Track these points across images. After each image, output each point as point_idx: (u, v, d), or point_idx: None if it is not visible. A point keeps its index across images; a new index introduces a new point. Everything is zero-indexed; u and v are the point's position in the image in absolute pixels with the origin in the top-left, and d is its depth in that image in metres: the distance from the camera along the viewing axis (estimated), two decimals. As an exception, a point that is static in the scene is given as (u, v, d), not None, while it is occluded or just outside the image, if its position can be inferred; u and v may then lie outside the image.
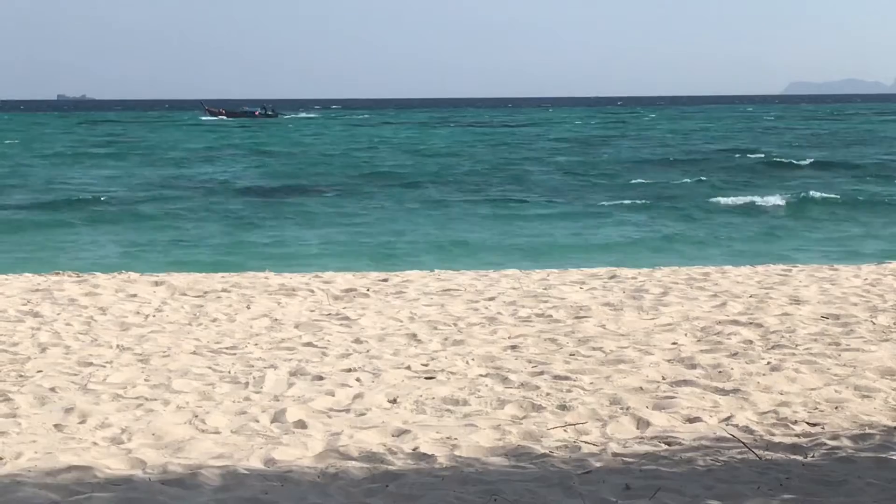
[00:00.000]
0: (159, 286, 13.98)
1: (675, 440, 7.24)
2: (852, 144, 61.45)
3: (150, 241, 24.94)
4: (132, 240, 25.25)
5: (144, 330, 11.16)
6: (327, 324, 11.46)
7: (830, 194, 33.30)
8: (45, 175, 43.90)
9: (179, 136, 77.84)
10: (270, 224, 28.03)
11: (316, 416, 7.91)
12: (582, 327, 11.08)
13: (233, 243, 24.68)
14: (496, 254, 22.61)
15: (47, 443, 7.23)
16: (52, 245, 24.26)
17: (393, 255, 22.59)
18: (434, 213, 30.16)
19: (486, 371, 9.26)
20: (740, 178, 40.50)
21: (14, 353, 10.03)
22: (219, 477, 6.43)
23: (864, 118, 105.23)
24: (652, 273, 15.28)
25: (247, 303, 12.78)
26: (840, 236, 25.72)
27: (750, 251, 22.60)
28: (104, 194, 35.39)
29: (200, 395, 8.52)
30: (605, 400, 8.26)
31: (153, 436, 7.41)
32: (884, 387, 8.62)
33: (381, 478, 6.46)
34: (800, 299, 12.68)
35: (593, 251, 22.95)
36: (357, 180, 40.59)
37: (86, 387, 8.75)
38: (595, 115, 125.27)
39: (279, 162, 50.79)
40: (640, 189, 36.72)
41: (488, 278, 14.84)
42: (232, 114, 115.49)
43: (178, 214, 30.24)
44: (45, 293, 13.47)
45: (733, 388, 8.61)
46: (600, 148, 60.68)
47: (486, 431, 7.44)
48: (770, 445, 7.09)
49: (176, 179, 41.90)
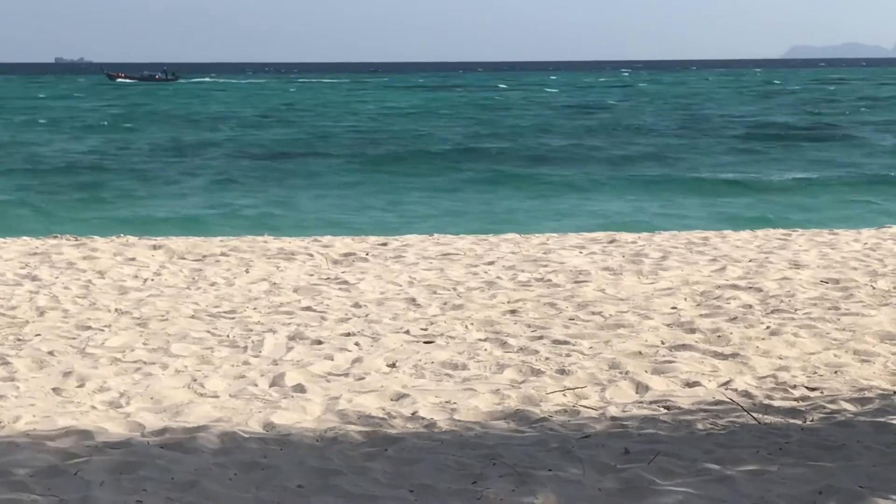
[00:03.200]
0: (158, 250, 13.95)
1: (674, 404, 7.24)
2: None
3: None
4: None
5: (143, 294, 11.14)
6: (326, 288, 11.44)
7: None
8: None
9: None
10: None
11: (315, 380, 7.90)
12: (581, 292, 11.07)
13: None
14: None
15: (45, 406, 7.22)
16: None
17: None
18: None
19: (486, 335, 9.25)
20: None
21: (12, 316, 10.02)
22: (217, 440, 6.43)
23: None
24: (651, 237, 15.25)
25: (245, 267, 12.76)
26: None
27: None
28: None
29: (199, 359, 8.51)
30: (605, 364, 8.25)
31: (151, 399, 7.40)
32: (883, 351, 8.61)
33: (380, 442, 6.46)
34: (799, 263, 12.66)
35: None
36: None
37: (84, 350, 8.74)
38: (610, 78, 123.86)
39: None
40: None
41: (487, 242, 14.81)
42: (131, 77, 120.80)
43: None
44: (43, 256, 13.45)
45: (732, 352, 8.61)
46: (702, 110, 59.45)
47: (485, 395, 7.43)
48: (769, 410, 7.09)
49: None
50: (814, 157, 36.14)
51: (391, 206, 25.57)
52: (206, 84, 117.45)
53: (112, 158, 36.37)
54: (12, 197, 26.77)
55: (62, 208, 25.16)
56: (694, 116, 55.73)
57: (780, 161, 34.97)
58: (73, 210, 24.88)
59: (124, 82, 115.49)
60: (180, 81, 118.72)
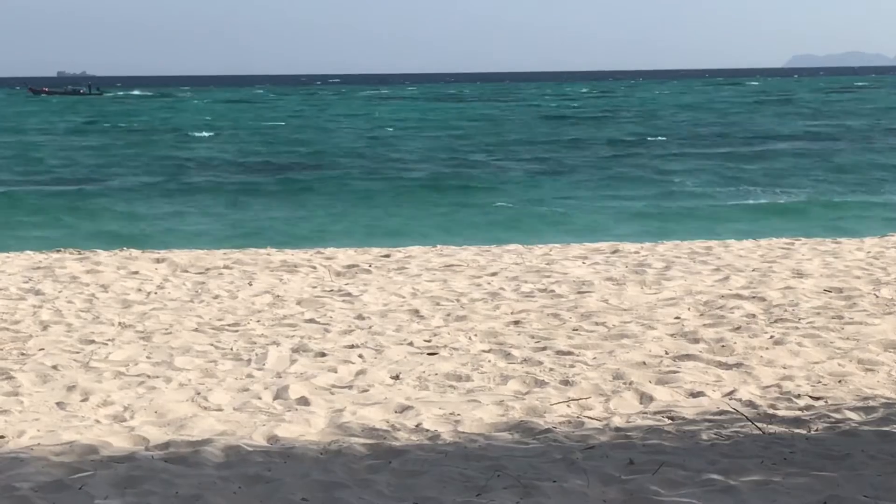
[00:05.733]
0: (161, 263, 13.96)
1: (678, 415, 7.24)
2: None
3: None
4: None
5: (146, 307, 11.14)
6: (329, 300, 11.44)
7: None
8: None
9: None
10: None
11: (318, 392, 7.90)
12: (584, 302, 11.06)
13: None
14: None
15: (50, 421, 7.22)
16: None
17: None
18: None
19: (489, 346, 9.24)
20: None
21: (16, 331, 10.02)
22: (221, 454, 6.42)
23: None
24: (654, 247, 15.25)
25: (249, 279, 12.77)
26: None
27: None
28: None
29: (203, 372, 8.51)
30: (608, 375, 8.25)
31: (155, 413, 7.40)
32: (887, 360, 8.61)
33: (384, 454, 6.45)
34: (803, 273, 12.65)
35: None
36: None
37: (88, 364, 8.74)
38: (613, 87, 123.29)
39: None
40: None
41: (490, 253, 14.81)
42: (53, 92, 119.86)
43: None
44: (46, 271, 13.45)
45: (736, 362, 8.60)
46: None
47: (489, 407, 7.43)
48: (773, 419, 7.08)
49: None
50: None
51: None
52: (132, 98, 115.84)
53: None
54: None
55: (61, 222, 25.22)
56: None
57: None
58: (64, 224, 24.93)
59: (49, 97, 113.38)
60: (106, 96, 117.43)
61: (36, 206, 27.61)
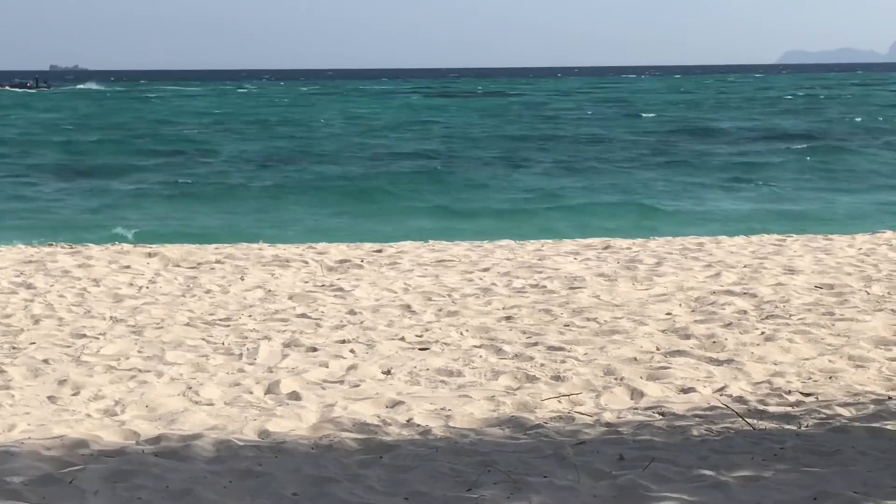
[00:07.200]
0: (152, 257, 13.95)
1: (669, 411, 7.25)
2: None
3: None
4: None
5: (138, 301, 11.13)
6: (321, 295, 11.44)
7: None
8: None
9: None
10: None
11: (310, 387, 7.90)
12: (576, 298, 11.08)
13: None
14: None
15: (41, 415, 7.22)
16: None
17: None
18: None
19: (481, 342, 9.25)
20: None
21: (7, 324, 10.01)
22: (212, 448, 6.42)
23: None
24: (646, 243, 15.26)
25: (240, 274, 12.76)
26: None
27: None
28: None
29: (194, 366, 8.51)
30: (600, 370, 8.26)
31: (146, 407, 7.40)
32: (877, 356, 8.63)
33: (376, 449, 6.46)
34: (794, 269, 12.68)
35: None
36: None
37: (79, 358, 8.73)
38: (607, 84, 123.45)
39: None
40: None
41: (482, 249, 14.82)
42: (1, 86, 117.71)
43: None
44: (38, 265, 13.44)
45: (727, 358, 8.61)
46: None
47: (480, 402, 7.43)
48: (764, 415, 7.10)
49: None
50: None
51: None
52: (91, 91, 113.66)
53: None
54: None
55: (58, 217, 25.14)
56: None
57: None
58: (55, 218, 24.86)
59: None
60: (62, 90, 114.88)
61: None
